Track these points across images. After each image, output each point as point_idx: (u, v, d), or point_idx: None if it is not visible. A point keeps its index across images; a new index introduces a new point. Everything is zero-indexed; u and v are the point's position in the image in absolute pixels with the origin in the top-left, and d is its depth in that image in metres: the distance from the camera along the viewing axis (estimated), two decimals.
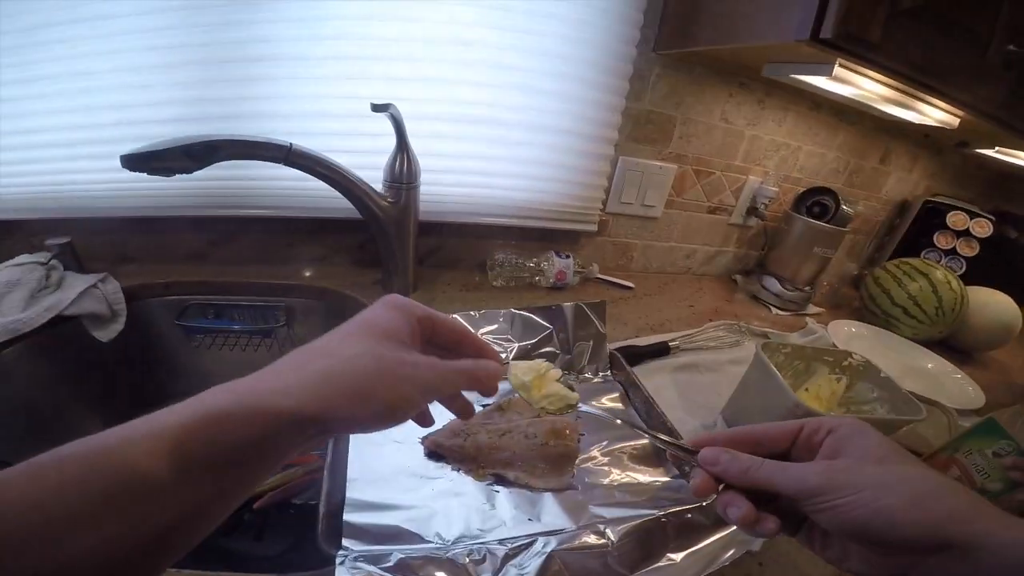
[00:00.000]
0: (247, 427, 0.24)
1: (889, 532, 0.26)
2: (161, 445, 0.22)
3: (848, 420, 0.33)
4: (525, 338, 0.71)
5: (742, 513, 0.30)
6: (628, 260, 1.17)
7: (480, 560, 0.42)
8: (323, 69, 0.72)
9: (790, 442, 0.34)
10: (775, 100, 1.06)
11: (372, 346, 0.29)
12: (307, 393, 0.26)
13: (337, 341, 0.30)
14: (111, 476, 0.21)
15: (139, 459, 0.21)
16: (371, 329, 0.31)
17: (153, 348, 0.78)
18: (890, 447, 0.30)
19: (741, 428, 0.36)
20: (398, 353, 0.30)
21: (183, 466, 0.22)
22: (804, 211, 1.15)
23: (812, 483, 0.28)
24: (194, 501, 0.23)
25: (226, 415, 0.24)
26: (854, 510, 0.26)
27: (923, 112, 0.84)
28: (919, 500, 0.26)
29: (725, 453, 0.32)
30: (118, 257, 0.79)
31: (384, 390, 0.28)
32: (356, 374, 0.27)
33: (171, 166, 0.54)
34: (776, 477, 0.30)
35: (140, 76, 0.67)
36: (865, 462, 0.29)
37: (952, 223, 1.33)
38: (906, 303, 1.07)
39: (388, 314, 0.32)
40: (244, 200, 0.78)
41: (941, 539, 0.25)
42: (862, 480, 0.27)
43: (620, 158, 0.99)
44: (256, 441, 0.24)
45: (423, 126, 0.77)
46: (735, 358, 0.86)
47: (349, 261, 0.91)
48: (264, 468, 0.26)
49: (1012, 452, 0.55)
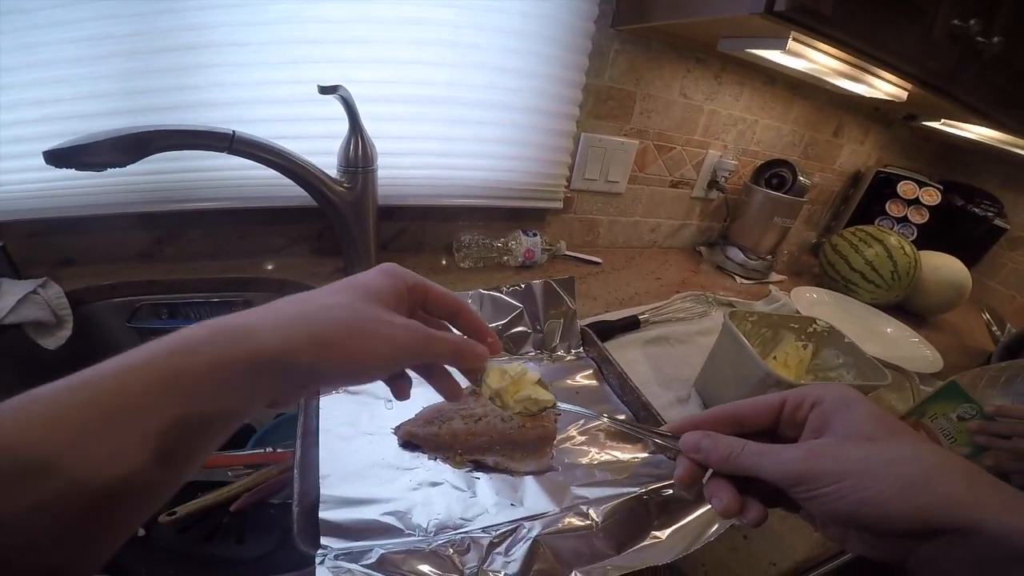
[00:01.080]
0: (211, 356, 0.23)
1: (877, 522, 0.24)
2: (125, 379, 0.22)
3: (833, 391, 0.30)
4: (496, 319, 0.70)
5: (724, 505, 0.29)
6: (595, 236, 1.18)
7: (464, 550, 0.42)
8: (266, 54, 0.69)
9: (774, 418, 0.32)
10: (731, 75, 1.08)
11: (350, 300, 0.29)
12: (273, 332, 0.25)
13: (319, 293, 0.29)
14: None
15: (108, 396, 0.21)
16: (354, 287, 0.30)
17: (106, 353, 0.72)
18: (879, 420, 0.28)
19: (722, 407, 0.34)
20: (376, 311, 0.29)
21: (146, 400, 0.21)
22: (763, 183, 1.18)
23: (791, 470, 0.27)
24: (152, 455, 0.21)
25: (193, 347, 0.23)
26: (837, 500, 0.25)
27: (873, 85, 0.86)
28: (908, 487, 0.24)
29: (706, 437, 0.31)
30: (58, 260, 0.74)
31: (352, 341, 0.27)
32: (324, 320, 0.27)
33: (100, 161, 0.50)
34: (757, 463, 0.28)
35: (60, 70, 0.63)
36: (851, 441, 0.27)
37: (903, 192, 1.39)
38: (863, 268, 1.11)
39: (378, 278, 0.32)
40: (191, 193, 0.74)
41: (935, 527, 0.23)
42: (845, 466, 0.25)
43: (582, 134, 0.99)
44: (220, 375, 0.23)
45: (379, 108, 0.75)
46: (704, 329, 0.87)
47: (308, 250, 0.88)
48: (221, 413, 0.24)
49: (976, 416, 0.57)
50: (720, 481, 0.30)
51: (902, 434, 0.27)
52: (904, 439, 0.27)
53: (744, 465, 0.29)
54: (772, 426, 0.32)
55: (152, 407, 0.22)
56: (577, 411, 0.42)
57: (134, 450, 0.21)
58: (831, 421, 0.29)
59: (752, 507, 0.29)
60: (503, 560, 0.41)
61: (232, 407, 0.24)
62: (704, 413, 0.34)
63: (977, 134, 1.18)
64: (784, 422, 0.32)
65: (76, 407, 0.20)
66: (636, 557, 0.42)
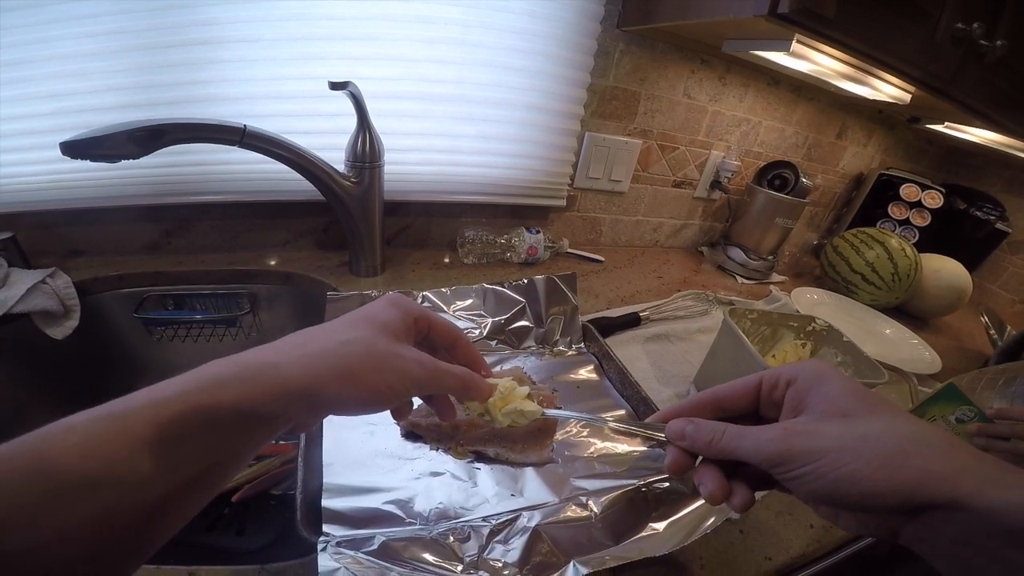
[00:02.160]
0: (240, 393, 0.25)
1: (859, 499, 0.24)
2: (158, 412, 0.23)
3: (807, 368, 0.30)
4: (498, 313, 0.71)
5: (708, 491, 0.29)
6: (597, 234, 1.18)
7: (465, 538, 0.42)
8: (276, 51, 0.69)
9: (752, 400, 0.32)
10: (735, 76, 1.08)
11: (367, 335, 0.31)
12: (298, 368, 0.27)
13: (337, 328, 0.32)
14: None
15: (136, 430, 0.22)
16: (370, 321, 0.32)
17: (113, 343, 0.75)
18: (854, 394, 0.27)
19: (703, 392, 0.34)
20: (390, 345, 0.32)
21: (172, 436, 0.23)
22: (765, 184, 1.18)
23: (768, 451, 0.27)
24: (179, 480, 0.23)
25: (223, 382, 0.25)
26: (815, 480, 0.25)
27: (877, 88, 0.87)
28: (884, 462, 0.23)
29: (689, 424, 0.31)
30: (67, 251, 0.75)
31: (371, 375, 0.30)
32: (347, 356, 0.29)
33: (114, 152, 0.51)
34: (738, 446, 0.28)
35: (77, 64, 0.64)
36: (826, 419, 0.27)
37: (905, 195, 1.39)
38: (864, 270, 1.12)
39: (387, 310, 0.34)
40: (199, 186, 0.75)
41: (919, 503, 0.22)
42: (820, 444, 0.25)
43: (587, 134, 0.99)
44: (248, 409, 0.25)
45: (387, 105, 0.76)
46: (704, 327, 0.88)
47: (314, 244, 0.88)
48: (249, 441, 0.27)
49: (975, 418, 0.57)
50: (707, 468, 0.30)
51: (878, 408, 0.26)
52: (880, 413, 0.26)
53: (726, 449, 0.29)
54: (753, 408, 0.32)
55: (183, 440, 0.23)
56: (566, 415, 0.43)
57: (164, 477, 0.23)
58: (807, 398, 0.28)
59: (738, 492, 0.29)
60: (503, 549, 0.42)
61: (258, 438, 0.27)
62: (689, 399, 0.34)
63: (980, 137, 1.18)
64: (763, 402, 0.32)
65: (108, 439, 0.22)
66: (634, 548, 0.43)
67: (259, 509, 0.65)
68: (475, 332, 0.69)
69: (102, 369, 0.74)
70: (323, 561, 0.37)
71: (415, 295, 0.70)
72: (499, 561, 0.41)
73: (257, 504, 0.65)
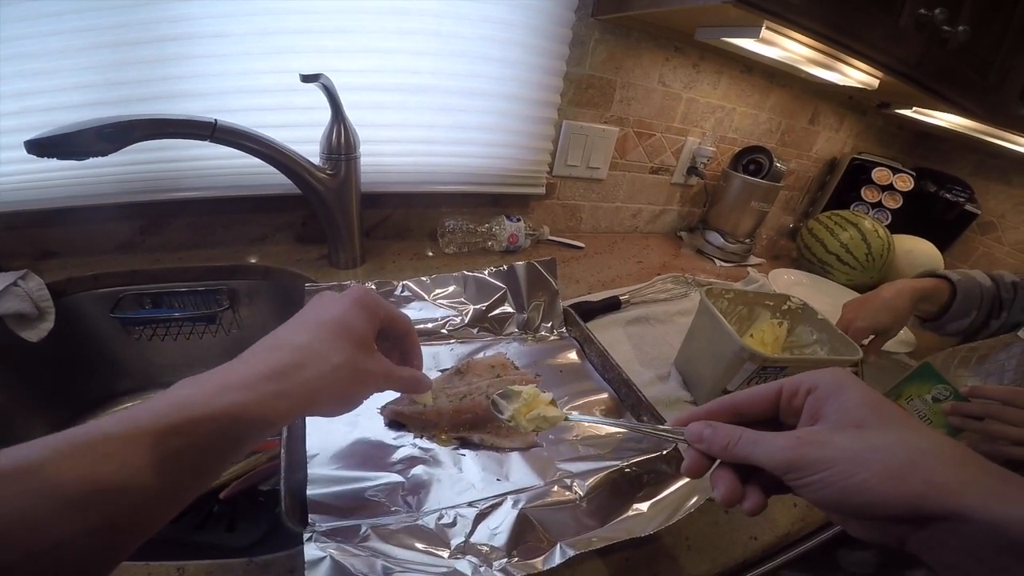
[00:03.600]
0: (251, 423, 0.28)
1: (865, 509, 0.24)
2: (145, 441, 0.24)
3: (827, 376, 0.30)
4: (479, 300, 0.72)
5: (721, 494, 0.30)
6: (577, 221, 1.19)
7: (451, 524, 0.42)
8: (247, 45, 0.69)
9: (771, 407, 0.32)
10: (709, 64, 1.09)
11: (351, 356, 0.34)
12: (302, 397, 0.31)
13: (324, 342, 0.34)
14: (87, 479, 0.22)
15: (119, 458, 0.23)
16: (348, 333, 0.35)
17: (91, 344, 0.74)
18: (870, 406, 0.28)
19: (722, 399, 0.34)
20: (366, 362, 0.36)
21: (162, 464, 0.24)
22: (741, 169, 1.20)
23: (781, 458, 0.27)
24: (168, 495, 0.25)
25: (236, 417, 0.28)
26: (824, 488, 0.25)
27: (846, 74, 0.89)
28: (894, 473, 0.24)
29: (708, 427, 0.32)
30: (39, 253, 0.73)
31: (356, 394, 0.36)
32: (340, 381, 0.33)
33: (83, 150, 0.50)
34: (752, 451, 0.29)
35: (42, 62, 0.62)
36: (840, 429, 0.27)
37: (877, 178, 1.43)
38: (838, 251, 1.15)
39: (358, 316, 0.37)
40: (172, 183, 0.74)
41: (924, 513, 0.23)
42: (832, 454, 0.25)
43: (564, 122, 1.00)
44: (255, 433, 0.29)
45: (362, 97, 0.75)
46: (683, 309, 0.90)
47: (292, 238, 0.88)
48: (243, 449, 0.30)
49: (950, 397, 0.57)
50: (723, 471, 0.31)
51: (892, 419, 0.27)
52: (893, 425, 0.26)
53: (741, 453, 0.29)
54: (772, 414, 0.33)
55: (184, 454, 0.25)
56: (591, 421, 0.44)
57: (166, 491, 0.25)
58: (824, 407, 0.29)
59: (750, 496, 0.30)
60: (490, 533, 0.42)
61: (234, 458, 0.29)
62: (707, 405, 0.34)
63: (948, 122, 1.21)
64: (783, 410, 0.32)
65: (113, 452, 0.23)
66: (620, 528, 0.43)
67: (248, 505, 0.65)
68: (456, 320, 0.70)
69: (81, 370, 0.73)
70: (309, 551, 0.36)
71: (395, 284, 0.69)
72: (486, 545, 0.41)
73: (246, 500, 0.64)
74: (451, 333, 0.69)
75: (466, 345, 0.68)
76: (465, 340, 0.69)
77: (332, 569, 0.35)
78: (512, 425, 0.44)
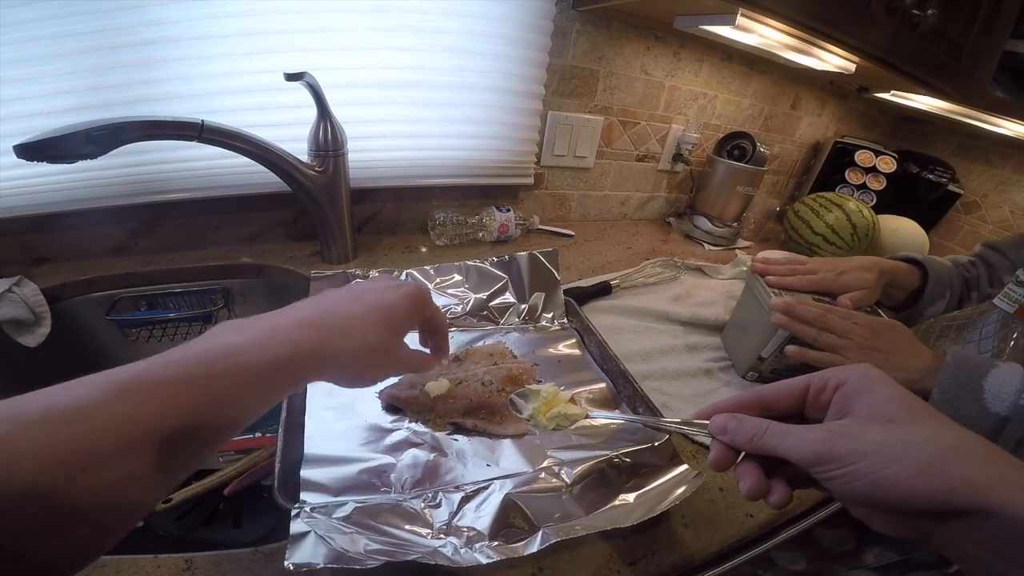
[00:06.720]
0: (296, 373, 0.32)
1: (893, 503, 0.25)
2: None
3: (857, 372, 0.30)
4: (480, 289, 0.73)
5: (747, 488, 0.30)
6: (567, 210, 1.21)
7: (436, 505, 0.43)
8: (229, 46, 0.69)
9: (799, 401, 0.32)
10: (689, 52, 1.10)
11: (387, 340, 0.38)
12: (331, 365, 0.34)
13: (364, 319, 0.37)
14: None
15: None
16: (392, 321, 0.39)
17: (88, 347, 0.75)
18: (901, 401, 0.28)
19: (749, 392, 0.34)
20: (399, 350, 0.40)
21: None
22: (725, 155, 1.22)
23: (810, 451, 0.27)
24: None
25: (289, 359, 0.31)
26: (854, 481, 0.25)
27: (822, 58, 0.90)
28: (923, 468, 0.24)
29: (732, 419, 0.32)
30: (31, 259, 0.74)
31: (377, 375, 0.40)
32: (368, 361, 0.37)
33: (72, 153, 0.50)
34: (779, 443, 0.29)
35: (22, 69, 0.62)
36: (870, 423, 0.27)
37: (860, 161, 1.44)
38: (825, 231, 1.17)
39: (407, 309, 0.40)
40: (162, 184, 0.74)
41: (952, 508, 0.23)
42: (863, 447, 0.26)
43: (549, 112, 1.01)
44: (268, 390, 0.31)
45: (348, 94, 0.76)
46: (675, 295, 0.90)
47: (284, 236, 0.89)
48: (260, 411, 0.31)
49: None
50: (748, 464, 0.31)
51: (922, 415, 0.27)
52: (923, 420, 0.26)
53: (767, 445, 0.29)
54: (799, 409, 0.33)
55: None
56: (611, 417, 0.45)
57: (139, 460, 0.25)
58: (853, 403, 0.29)
59: (776, 490, 0.30)
60: (474, 515, 0.43)
61: (262, 408, 0.31)
62: (732, 398, 0.34)
63: (927, 104, 1.23)
64: (810, 404, 0.32)
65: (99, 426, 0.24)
66: (604, 517, 0.43)
67: (253, 501, 0.65)
68: (457, 308, 0.71)
69: (80, 373, 0.73)
70: (295, 526, 0.38)
71: (399, 274, 0.71)
72: (469, 527, 0.42)
73: (251, 496, 0.65)
74: (452, 321, 0.70)
75: (466, 333, 0.69)
76: (465, 328, 0.70)
77: (315, 544, 0.36)
78: (533, 424, 0.46)
